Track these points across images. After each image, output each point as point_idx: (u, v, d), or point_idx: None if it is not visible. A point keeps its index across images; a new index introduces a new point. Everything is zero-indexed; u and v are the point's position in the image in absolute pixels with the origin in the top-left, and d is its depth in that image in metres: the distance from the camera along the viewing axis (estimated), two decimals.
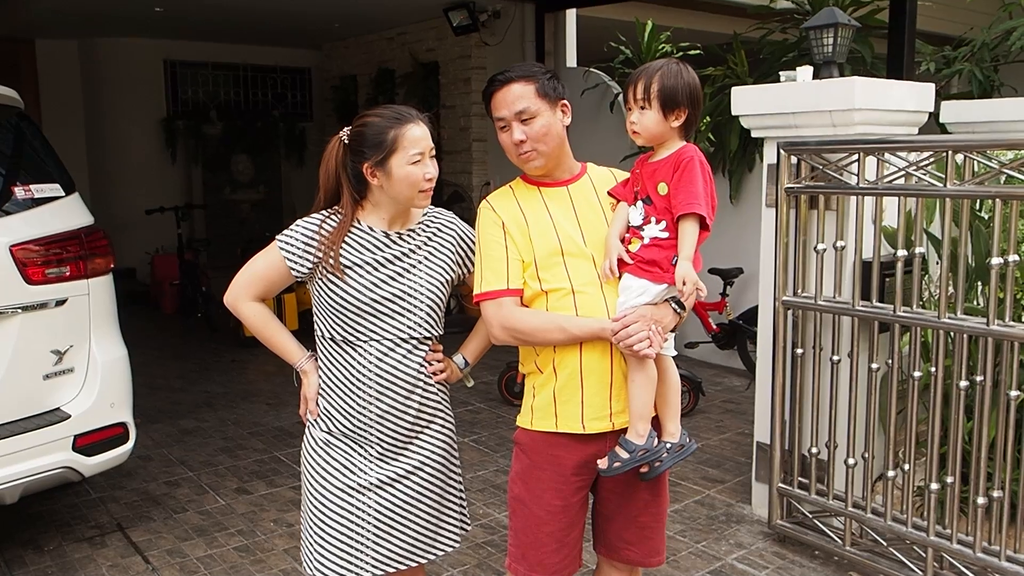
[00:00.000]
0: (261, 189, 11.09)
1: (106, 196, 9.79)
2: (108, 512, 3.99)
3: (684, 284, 1.97)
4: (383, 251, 2.17)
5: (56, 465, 3.33)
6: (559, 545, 2.16)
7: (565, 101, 2.14)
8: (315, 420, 2.26)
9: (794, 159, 3.45)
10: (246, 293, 2.25)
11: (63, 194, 3.52)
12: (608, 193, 2.18)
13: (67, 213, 3.50)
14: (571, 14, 8.04)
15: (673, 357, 2.20)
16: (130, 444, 3.61)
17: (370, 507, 2.20)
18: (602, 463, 2.09)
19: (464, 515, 2.41)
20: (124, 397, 3.61)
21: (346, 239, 2.16)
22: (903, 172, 3.11)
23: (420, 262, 2.20)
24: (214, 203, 10.53)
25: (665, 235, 2.04)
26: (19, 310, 3.26)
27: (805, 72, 3.57)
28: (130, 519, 3.91)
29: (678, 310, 2.08)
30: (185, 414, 5.54)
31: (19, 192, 3.37)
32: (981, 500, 2.93)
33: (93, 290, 3.50)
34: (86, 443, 3.41)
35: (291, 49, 11.07)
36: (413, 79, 9.16)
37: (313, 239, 2.16)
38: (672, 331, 2.11)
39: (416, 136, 2.10)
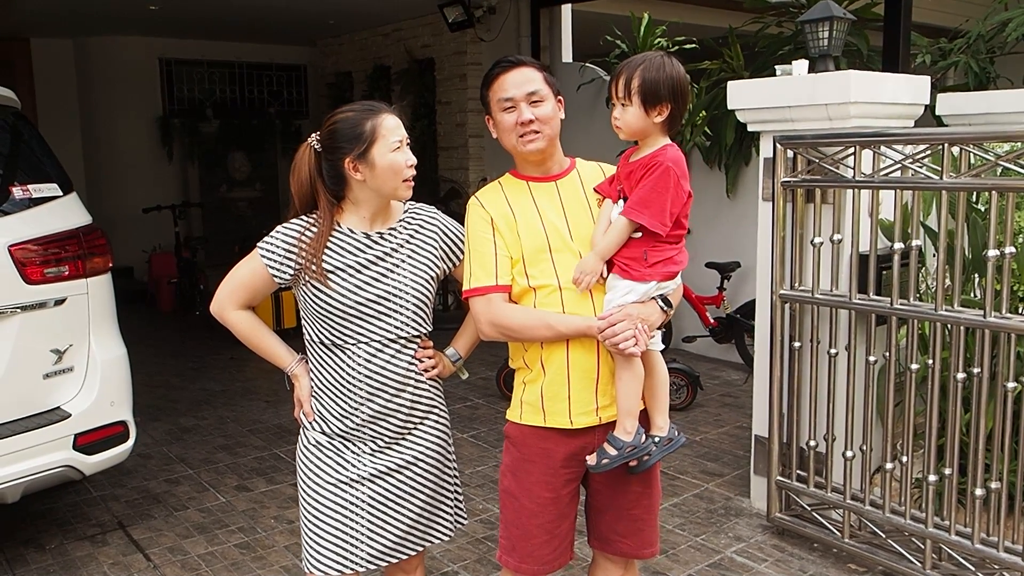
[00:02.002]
0: (258, 187, 11.08)
1: (103, 195, 9.79)
2: (109, 510, 4.00)
3: (578, 275, 2.04)
4: (365, 253, 2.16)
5: (57, 464, 3.33)
6: (549, 537, 2.18)
7: (561, 97, 2.17)
8: (309, 422, 2.26)
9: (790, 153, 3.46)
10: (231, 302, 2.24)
11: (61, 193, 3.52)
12: (594, 190, 2.19)
13: (65, 212, 3.50)
14: (566, 9, 8.04)
15: (670, 351, 2.21)
16: (130, 442, 3.61)
17: (363, 499, 2.20)
18: (591, 460, 2.10)
19: (460, 509, 2.42)
20: (124, 395, 3.62)
21: (327, 243, 2.15)
22: (899, 165, 3.12)
23: (403, 260, 2.19)
24: (211, 201, 10.52)
25: (639, 235, 2.05)
26: (18, 310, 3.26)
27: (800, 66, 3.58)
28: (131, 517, 3.92)
29: (664, 308, 2.10)
30: (184, 412, 5.55)
31: (17, 192, 3.37)
32: (979, 492, 2.94)
33: (92, 289, 3.50)
34: (86, 442, 3.41)
35: (286, 46, 11.05)
36: (409, 75, 9.15)
37: (294, 246, 2.15)
38: (659, 328, 2.13)
39: (392, 125, 2.12)
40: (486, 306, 2.12)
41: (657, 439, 2.13)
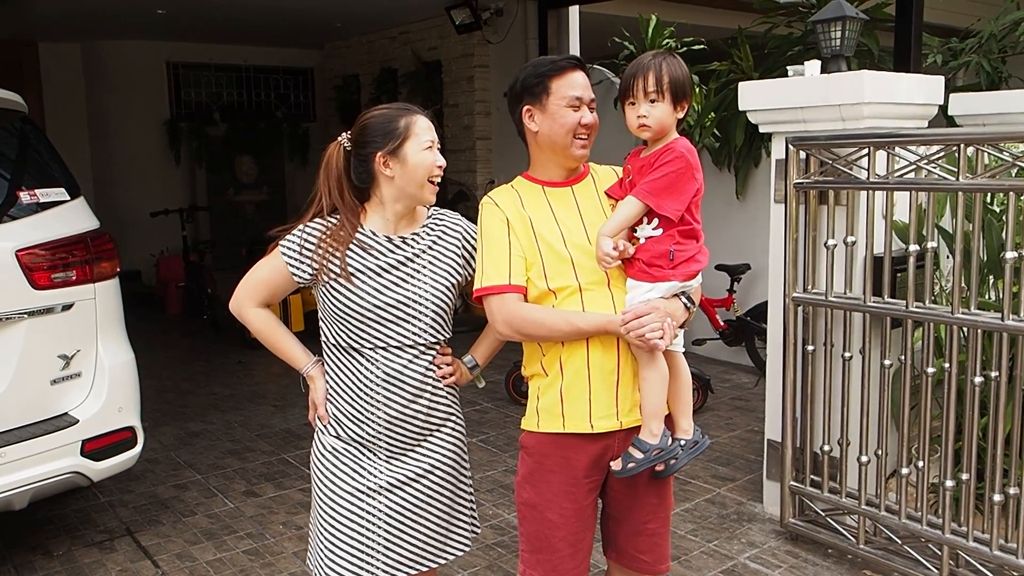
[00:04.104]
0: (265, 190, 11.07)
1: (110, 199, 9.80)
2: (117, 516, 3.98)
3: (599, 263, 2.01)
4: (386, 256, 2.14)
5: (65, 470, 3.32)
6: (573, 551, 2.13)
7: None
8: (324, 426, 2.24)
9: (803, 154, 3.42)
10: (251, 299, 2.23)
11: (68, 198, 3.51)
12: (606, 193, 2.16)
13: (73, 217, 3.49)
14: (574, 10, 8.00)
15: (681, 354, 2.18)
16: (138, 448, 3.60)
17: (380, 510, 2.18)
18: (616, 464, 2.06)
19: (474, 518, 2.39)
20: (132, 401, 3.60)
21: (350, 249, 2.13)
22: (914, 166, 3.09)
23: (425, 266, 2.17)
24: (218, 204, 10.51)
25: (659, 232, 2.03)
26: (25, 315, 3.25)
27: (813, 66, 3.54)
28: (139, 523, 3.90)
29: (688, 304, 2.07)
30: (192, 417, 5.54)
31: (24, 197, 3.35)
32: (997, 497, 2.90)
33: (100, 294, 3.49)
34: (94, 448, 3.40)
35: (293, 49, 11.05)
36: (416, 78, 9.13)
37: (315, 245, 2.14)
38: (681, 327, 2.09)
39: (425, 125, 2.12)
40: (500, 305, 2.07)
41: (683, 442, 2.10)
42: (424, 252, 2.18)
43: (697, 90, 6.84)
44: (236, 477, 4.46)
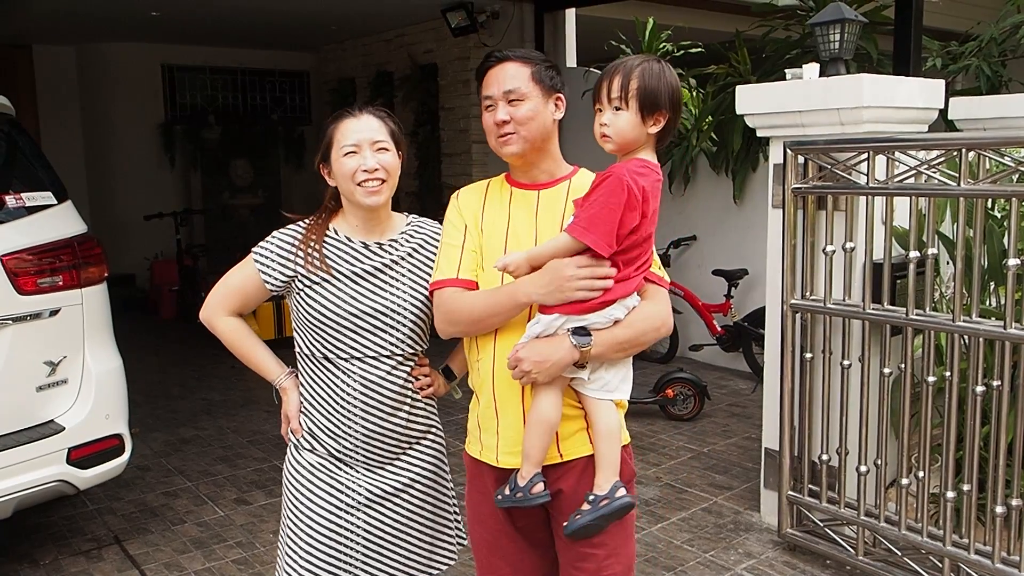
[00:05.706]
0: (260, 194, 11.00)
1: (105, 202, 9.74)
2: (105, 524, 3.92)
3: (500, 263, 1.84)
4: (362, 263, 2.08)
5: (50, 479, 3.26)
6: (513, 570, 2.05)
7: (560, 95, 1.98)
8: (298, 440, 2.17)
9: (801, 159, 3.38)
10: (222, 307, 2.17)
11: (55, 202, 3.45)
12: (574, 203, 1.90)
13: (60, 221, 3.43)
14: (570, 14, 7.97)
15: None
16: (126, 456, 3.54)
17: (359, 527, 2.12)
18: (497, 493, 1.97)
19: (460, 530, 2.33)
20: (119, 408, 3.54)
21: (323, 251, 2.08)
22: (914, 171, 3.04)
23: (403, 275, 2.10)
24: (213, 208, 10.46)
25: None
26: (10, 321, 3.19)
27: (811, 70, 3.50)
28: (127, 531, 3.84)
29: (577, 344, 1.79)
30: (184, 422, 5.47)
31: (10, 201, 3.30)
32: (999, 509, 2.85)
33: (87, 299, 3.43)
34: (81, 456, 3.34)
35: (289, 52, 11.00)
36: (411, 81, 9.09)
37: (288, 251, 2.08)
38: (579, 366, 1.84)
39: (350, 128, 2.04)
40: (438, 299, 1.97)
41: (591, 498, 1.87)
42: (402, 260, 2.12)
43: (694, 94, 6.80)
44: (227, 484, 4.39)
